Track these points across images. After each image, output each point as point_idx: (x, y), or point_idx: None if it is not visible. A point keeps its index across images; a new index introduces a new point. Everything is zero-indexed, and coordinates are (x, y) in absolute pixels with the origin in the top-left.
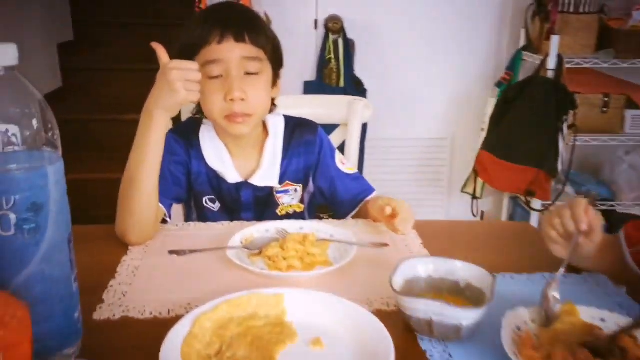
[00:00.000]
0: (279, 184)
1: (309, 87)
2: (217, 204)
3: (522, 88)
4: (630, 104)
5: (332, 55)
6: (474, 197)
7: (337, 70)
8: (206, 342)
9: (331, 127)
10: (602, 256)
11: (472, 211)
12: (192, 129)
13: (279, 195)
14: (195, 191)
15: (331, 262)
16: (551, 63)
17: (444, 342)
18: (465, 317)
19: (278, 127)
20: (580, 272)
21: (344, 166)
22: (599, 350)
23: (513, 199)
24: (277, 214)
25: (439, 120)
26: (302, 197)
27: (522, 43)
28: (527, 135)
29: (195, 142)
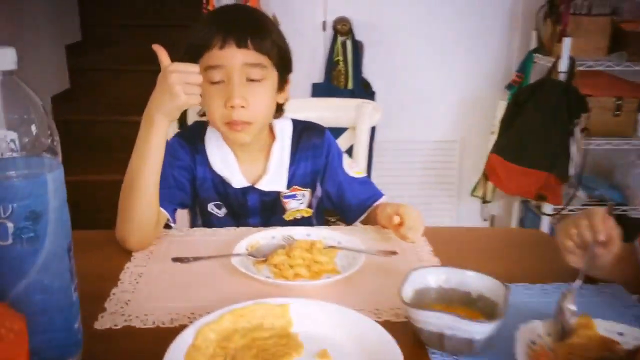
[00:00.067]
0: (286, 189)
1: (317, 89)
2: (223, 210)
3: (533, 91)
4: None
5: (341, 57)
6: (483, 200)
7: (345, 72)
8: (209, 354)
9: (339, 130)
10: (619, 266)
11: (481, 215)
12: (198, 133)
13: (286, 200)
14: (200, 197)
15: (339, 270)
16: (563, 65)
17: (455, 357)
18: (478, 331)
19: (285, 131)
20: (595, 281)
21: (352, 170)
22: None
23: (523, 203)
24: (284, 219)
25: (449, 123)
26: (310, 202)
27: (533, 45)
28: (538, 139)
29: (200, 147)
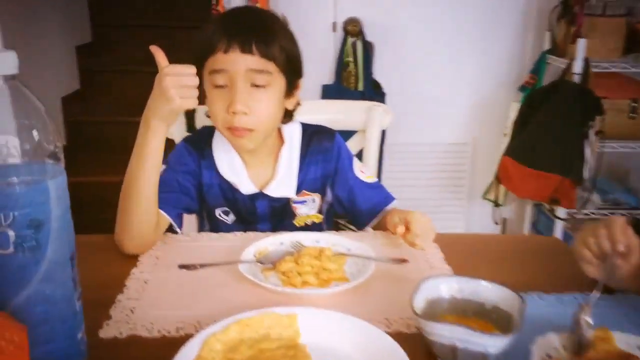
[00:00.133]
0: (295, 194)
1: (327, 91)
2: (231, 216)
3: (547, 92)
4: None
5: (351, 58)
6: (495, 204)
7: (355, 74)
8: None
9: (349, 133)
10: (638, 276)
11: (493, 219)
12: (206, 138)
13: (295, 205)
14: (208, 204)
15: (348, 278)
16: (577, 67)
17: None
18: (492, 344)
19: (294, 135)
20: (613, 292)
21: (363, 174)
22: None
23: (536, 206)
24: (294, 225)
25: (460, 125)
26: (321, 207)
27: (546, 46)
28: (551, 141)
29: (207, 153)
